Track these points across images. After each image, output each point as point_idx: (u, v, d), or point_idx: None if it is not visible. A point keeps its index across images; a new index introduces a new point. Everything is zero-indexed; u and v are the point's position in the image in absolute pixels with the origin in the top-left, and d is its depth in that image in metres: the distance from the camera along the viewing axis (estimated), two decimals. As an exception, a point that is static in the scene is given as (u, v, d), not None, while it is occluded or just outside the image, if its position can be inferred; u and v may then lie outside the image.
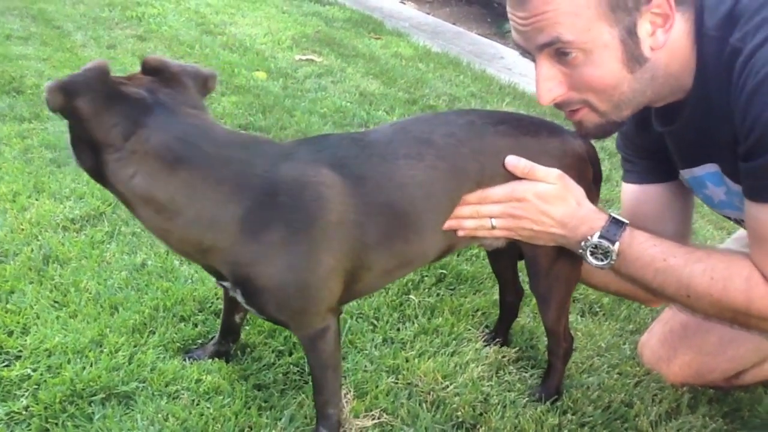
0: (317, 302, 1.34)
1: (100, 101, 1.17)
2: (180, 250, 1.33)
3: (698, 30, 1.29)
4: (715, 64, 1.27)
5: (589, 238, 1.41)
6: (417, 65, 4.24)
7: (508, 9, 1.33)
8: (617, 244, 1.40)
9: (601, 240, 1.40)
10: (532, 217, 1.43)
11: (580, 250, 1.43)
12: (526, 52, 1.36)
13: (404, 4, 6.32)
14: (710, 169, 1.44)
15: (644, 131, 1.55)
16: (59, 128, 2.81)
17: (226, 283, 1.38)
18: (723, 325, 1.45)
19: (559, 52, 1.28)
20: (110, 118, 1.18)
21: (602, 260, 1.42)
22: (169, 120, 1.23)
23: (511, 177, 1.43)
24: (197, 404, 1.56)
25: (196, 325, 1.82)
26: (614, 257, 1.40)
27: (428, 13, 6.06)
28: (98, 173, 1.24)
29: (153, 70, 1.29)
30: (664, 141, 1.51)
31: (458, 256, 2.22)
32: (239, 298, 1.37)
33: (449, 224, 1.44)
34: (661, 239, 1.41)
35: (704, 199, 1.57)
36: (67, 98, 1.16)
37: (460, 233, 1.46)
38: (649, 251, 1.39)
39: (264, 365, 1.71)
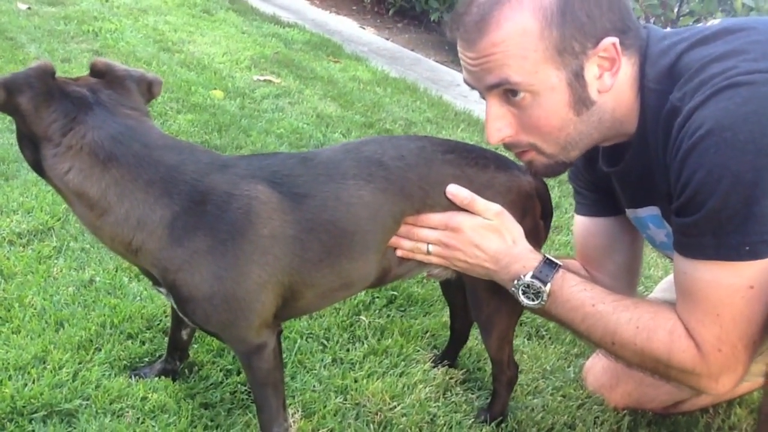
0: (247, 315, 1.34)
1: (41, 98, 1.22)
2: (113, 248, 1.35)
3: (641, 80, 1.33)
4: (654, 118, 1.30)
5: (521, 277, 1.42)
6: (375, 89, 4.29)
7: (458, 49, 1.35)
8: (549, 285, 1.41)
9: (533, 280, 1.41)
10: (465, 249, 1.45)
11: (513, 288, 1.44)
12: (476, 90, 1.38)
13: (364, 29, 6.39)
14: (652, 211, 1.48)
15: (593, 168, 1.59)
16: (7, 141, 2.76)
17: (162, 289, 1.38)
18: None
19: (507, 92, 1.31)
20: (50, 115, 1.23)
21: (533, 300, 1.43)
22: (106, 119, 1.27)
23: (452, 207, 1.46)
24: (142, 422, 1.54)
25: (143, 343, 1.80)
26: (545, 298, 1.42)
27: (387, 39, 6.14)
28: (39, 167, 1.28)
29: (99, 73, 1.34)
30: (611, 179, 1.55)
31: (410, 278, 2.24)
32: (173, 304, 1.38)
33: (390, 242, 1.46)
34: (592, 284, 1.43)
35: (647, 238, 1.61)
36: (9, 95, 1.21)
37: (399, 253, 1.47)
38: (579, 295, 1.41)
39: (211, 384, 1.70)
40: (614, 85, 1.31)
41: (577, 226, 1.77)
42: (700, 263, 1.25)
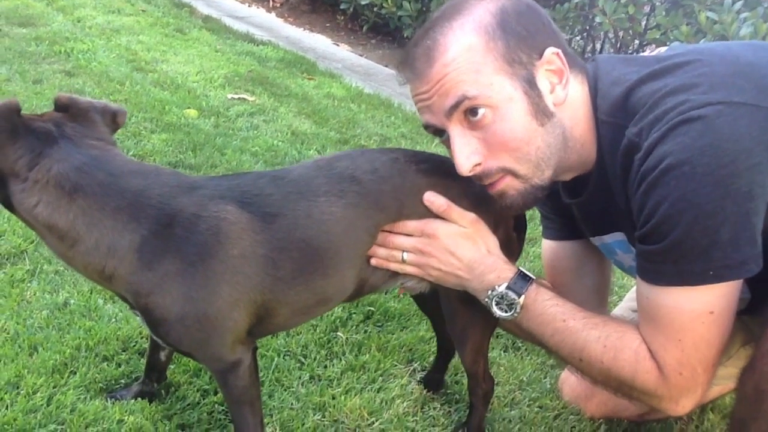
0: (220, 334, 1.35)
1: (5, 135, 1.25)
2: (87, 276, 1.36)
3: (594, 111, 1.36)
4: (611, 151, 1.33)
5: (496, 287, 1.44)
6: (349, 106, 4.31)
7: (412, 94, 1.39)
8: (523, 297, 1.43)
9: (507, 291, 1.43)
10: (440, 257, 1.46)
11: (486, 299, 1.45)
12: (438, 134, 1.40)
13: (338, 45, 6.43)
14: (618, 237, 1.50)
15: (554, 199, 1.60)
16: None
17: (137, 312, 1.38)
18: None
19: (468, 112, 1.31)
20: (16, 151, 1.25)
21: (506, 311, 1.44)
22: (71, 151, 1.29)
23: (429, 215, 1.47)
24: (118, 446, 1.53)
25: (119, 365, 1.79)
26: (518, 310, 1.43)
27: (361, 55, 6.18)
28: (8, 203, 1.30)
29: (63, 107, 1.36)
30: (572, 209, 1.57)
31: (386, 293, 2.26)
32: (146, 327, 1.39)
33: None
34: (564, 300, 1.45)
35: (615, 263, 1.64)
36: None
37: (373, 261, 1.48)
38: (551, 310, 1.43)
39: (188, 404, 1.69)
40: (567, 99, 1.34)
41: (546, 250, 1.79)
42: (662, 289, 1.28)
